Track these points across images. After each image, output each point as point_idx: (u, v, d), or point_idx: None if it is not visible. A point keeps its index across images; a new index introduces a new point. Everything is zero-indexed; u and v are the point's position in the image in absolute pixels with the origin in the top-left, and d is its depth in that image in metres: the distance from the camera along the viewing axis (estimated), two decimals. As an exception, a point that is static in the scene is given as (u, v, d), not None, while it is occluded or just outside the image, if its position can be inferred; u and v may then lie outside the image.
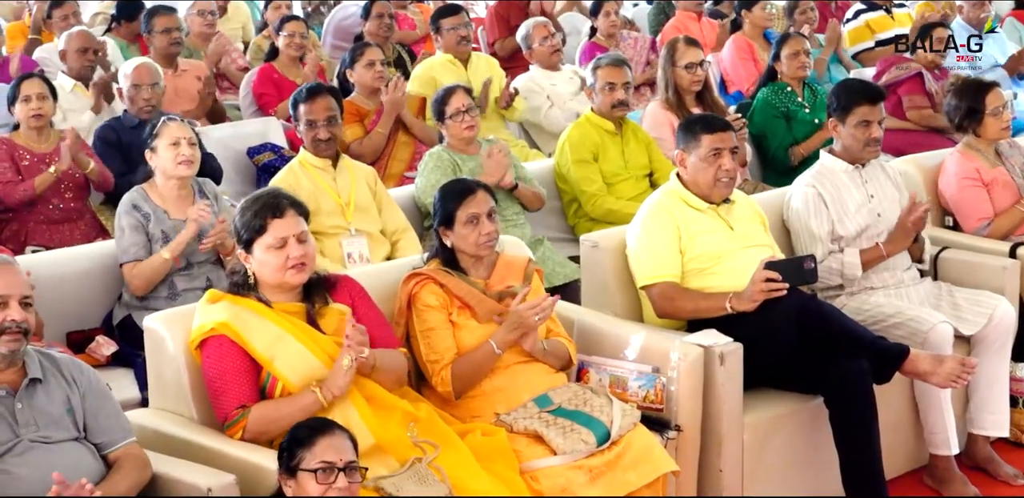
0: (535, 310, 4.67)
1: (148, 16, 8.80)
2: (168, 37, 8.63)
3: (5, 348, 3.98)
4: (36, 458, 3.98)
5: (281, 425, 4.22)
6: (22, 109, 6.86)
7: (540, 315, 4.68)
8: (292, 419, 4.22)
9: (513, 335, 4.69)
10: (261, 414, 4.28)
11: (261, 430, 4.26)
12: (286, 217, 4.42)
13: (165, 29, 8.64)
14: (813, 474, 5.18)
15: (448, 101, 6.67)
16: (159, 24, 8.65)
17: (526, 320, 4.67)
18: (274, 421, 4.26)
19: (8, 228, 6.75)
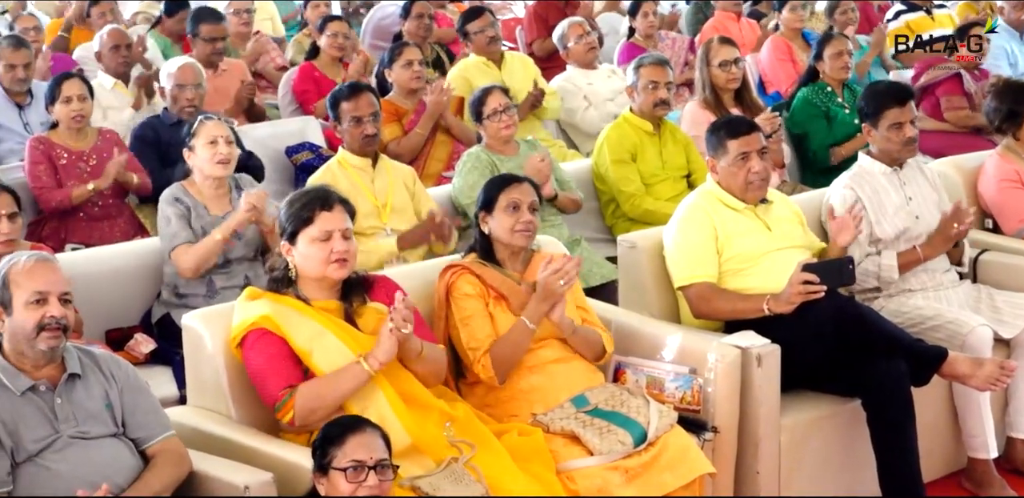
0: (559, 273, 4.65)
1: (195, 19, 8.80)
2: (212, 46, 8.65)
3: (45, 345, 4.01)
4: (75, 454, 4.00)
5: (330, 401, 4.25)
6: (62, 110, 6.89)
7: (565, 279, 4.65)
8: (340, 392, 4.26)
9: (544, 305, 4.67)
10: (309, 391, 4.27)
11: (311, 407, 4.25)
12: (334, 211, 4.44)
13: (211, 38, 8.66)
14: (850, 476, 5.17)
15: (486, 101, 6.68)
16: (205, 32, 8.66)
17: (552, 286, 4.64)
18: (322, 396, 4.26)
19: (48, 225, 6.79)
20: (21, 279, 4.02)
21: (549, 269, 4.65)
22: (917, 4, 10.82)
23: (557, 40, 8.95)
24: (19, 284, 4.02)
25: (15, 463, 3.95)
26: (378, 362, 4.28)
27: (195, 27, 8.72)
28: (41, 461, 3.97)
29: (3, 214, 5.34)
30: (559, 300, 4.68)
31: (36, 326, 3.99)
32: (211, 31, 8.67)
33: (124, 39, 8.55)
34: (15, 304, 4.01)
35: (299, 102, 8.84)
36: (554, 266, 4.65)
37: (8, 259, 4.11)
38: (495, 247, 4.91)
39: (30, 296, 4.00)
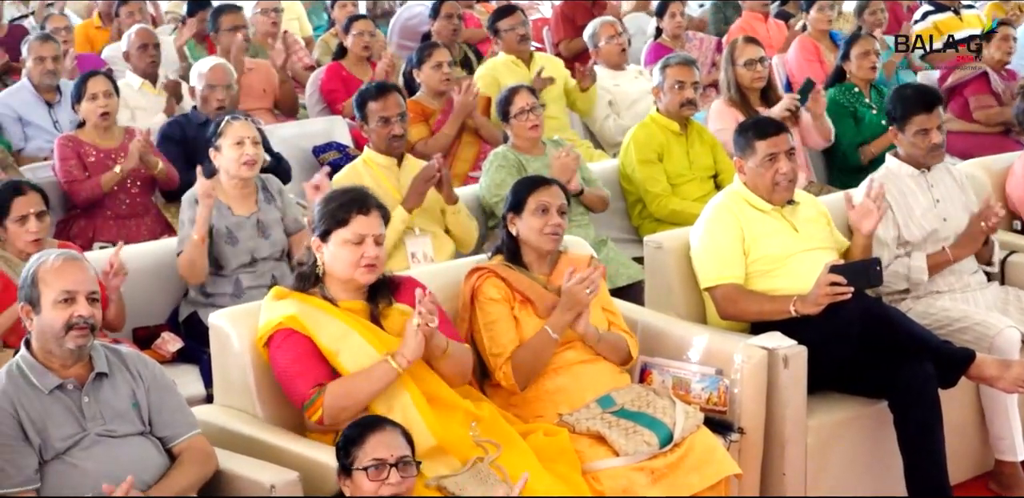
0: (584, 283, 4.64)
1: (215, 14, 8.85)
2: (234, 35, 8.67)
3: (73, 343, 4.02)
4: (102, 452, 4.02)
5: (358, 399, 4.24)
6: (88, 107, 6.92)
7: (591, 288, 4.64)
8: (368, 391, 4.26)
9: (568, 315, 4.67)
10: (337, 389, 4.27)
11: (340, 405, 4.24)
12: (370, 216, 4.42)
13: (232, 27, 8.69)
14: (877, 478, 5.16)
15: (512, 101, 6.67)
16: (226, 22, 8.71)
17: (577, 296, 4.64)
18: (351, 394, 4.26)
19: (76, 224, 6.82)
20: (49, 278, 4.04)
21: (575, 278, 4.65)
22: (945, 4, 10.77)
23: (588, 39, 8.95)
24: (47, 283, 4.03)
25: (43, 461, 3.97)
26: (406, 360, 4.27)
27: (215, 22, 8.76)
28: (69, 459, 3.99)
29: (32, 213, 5.37)
30: (584, 309, 4.68)
31: (64, 325, 4.00)
32: (232, 20, 8.72)
33: (152, 38, 8.58)
34: (43, 303, 4.03)
35: (326, 102, 8.86)
36: (580, 275, 4.65)
37: (36, 258, 4.13)
38: (522, 249, 4.90)
39: (58, 295, 4.02)
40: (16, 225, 5.37)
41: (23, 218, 5.37)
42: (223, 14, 8.79)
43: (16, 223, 5.37)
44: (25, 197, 5.40)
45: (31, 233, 5.35)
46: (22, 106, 8.00)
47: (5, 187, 5.51)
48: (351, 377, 4.31)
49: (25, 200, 5.39)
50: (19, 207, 5.37)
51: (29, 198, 5.40)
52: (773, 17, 11.01)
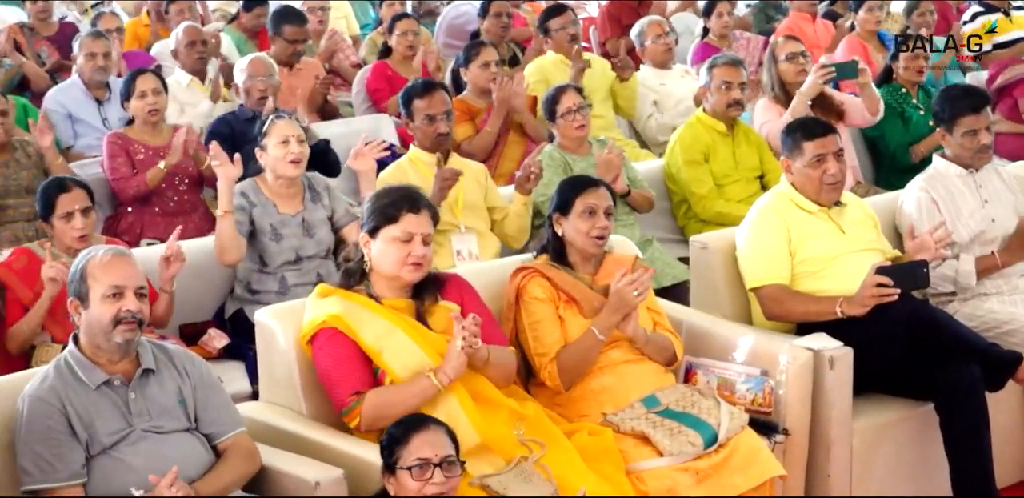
0: (633, 285, 4.62)
1: (278, 19, 8.81)
2: (292, 47, 8.66)
3: (121, 338, 4.04)
4: (148, 447, 4.04)
5: (396, 411, 4.22)
6: (137, 104, 6.95)
7: (639, 290, 4.62)
8: (407, 405, 4.25)
9: (615, 317, 4.65)
10: (376, 400, 4.28)
11: (377, 415, 4.25)
12: (420, 215, 4.43)
13: (293, 40, 8.68)
14: (923, 481, 5.12)
15: (559, 100, 6.67)
16: (288, 33, 8.66)
17: (626, 297, 4.61)
18: (389, 406, 4.26)
19: (124, 221, 6.85)
20: (98, 273, 4.06)
21: (624, 280, 4.63)
22: (994, 5, 10.68)
23: (635, 38, 8.94)
24: (96, 278, 4.05)
25: (90, 455, 3.99)
26: (448, 378, 4.28)
27: (278, 27, 8.74)
28: (115, 454, 4.01)
29: (76, 209, 5.40)
30: (631, 311, 4.66)
31: (112, 320, 4.02)
32: (294, 33, 8.70)
33: (199, 35, 8.63)
34: (92, 298, 4.05)
35: (372, 100, 8.88)
36: (630, 277, 4.63)
37: (85, 253, 4.15)
38: (567, 249, 4.89)
39: (107, 290, 4.04)
40: (62, 222, 5.40)
41: (68, 215, 5.40)
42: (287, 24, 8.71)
43: (62, 220, 5.40)
44: (69, 194, 5.43)
45: (76, 229, 5.38)
46: (72, 103, 8.04)
47: (50, 184, 5.54)
48: (391, 389, 4.32)
49: (70, 197, 5.42)
50: (64, 204, 5.40)
51: (74, 195, 5.42)
52: (821, 17, 10.96)
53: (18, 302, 5.34)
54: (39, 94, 8.48)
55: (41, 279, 5.26)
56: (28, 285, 5.35)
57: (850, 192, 5.64)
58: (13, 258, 5.45)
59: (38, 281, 5.30)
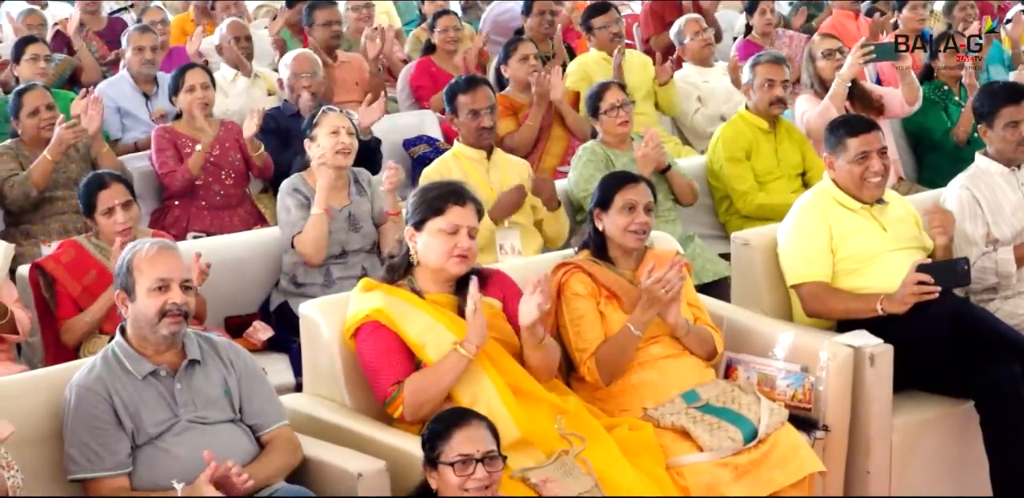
0: (661, 283, 4.60)
1: (309, 9, 8.90)
2: (329, 30, 8.74)
3: (167, 330, 4.06)
4: (193, 438, 4.06)
5: (435, 392, 4.25)
6: (186, 98, 6.99)
7: (668, 287, 4.61)
8: (444, 382, 4.27)
9: (648, 314, 4.64)
10: (414, 385, 4.29)
11: (419, 401, 4.26)
12: (466, 208, 4.44)
13: (326, 22, 8.76)
14: (962, 478, 5.10)
15: (603, 96, 6.66)
16: (320, 17, 8.76)
17: (655, 294, 4.60)
18: (427, 389, 4.27)
19: (171, 214, 6.88)
20: (144, 266, 4.08)
21: (652, 278, 4.62)
22: (1037, 4, 10.65)
23: (674, 36, 8.93)
24: (142, 271, 4.08)
25: (136, 445, 4.02)
26: (474, 345, 4.27)
27: (310, 16, 8.80)
28: (161, 444, 4.03)
29: (117, 204, 5.42)
30: (664, 307, 4.65)
31: (158, 312, 4.05)
32: (327, 15, 8.77)
33: (243, 31, 8.68)
34: (138, 290, 4.07)
35: (416, 96, 8.90)
36: (657, 275, 4.62)
37: (131, 246, 4.17)
38: (608, 244, 4.88)
39: (152, 283, 4.06)
40: (104, 217, 5.43)
41: (109, 210, 5.42)
42: (317, 9, 8.83)
43: (104, 215, 5.43)
44: (109, 190, 5.44)
45: (119, 224, 5.40)
46: (120, 97, 8.09)
47: (89, 182, 5.56)
48: (424, 371, 4.32)
49: (109, 193, 5.44)
50: (104, 200, 5.43)
51: (113, 190, 5.44)
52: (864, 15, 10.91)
53: (68, 295, 5.37)
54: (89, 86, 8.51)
55: (90, 273, 5.29)
56: (76, 278, 5.38)
57: (892, 190, 5.61)
58: (61, 251, 5.48)
59: (86, 274, 5.34)
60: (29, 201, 6.51)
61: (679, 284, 4.64)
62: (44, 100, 6.69)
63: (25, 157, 6.62)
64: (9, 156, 6.62)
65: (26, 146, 6.68)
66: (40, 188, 6.50)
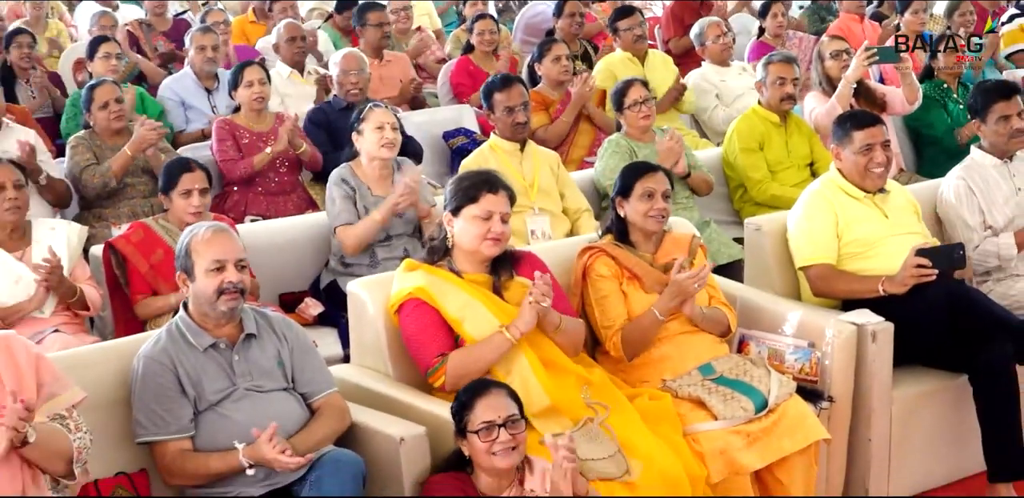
0: (693, 279, 4.61)
1: (361, 11, 8.89)
2: (380, 31, 8.72)
3: (225, 306, 4.07)
4: (249, 404, 4.07)
5: (477, 367, 4.26)
6: (244, 93, 7.01)
7: (697, 283, 4.62)
8: (486, 360, 4.28)
9: (673, 302, 4.64)
10: (458, 359, 4.30)
11: (460, 373, 4.26)
12: (498, 195, 4.43)
13: (378, 23, 8.73)
14: (957, 446, 5.08)
15: (627, 93, 6.65)
16: (372, 19, 8.74)
17: (685, 288, 4.61)
18: (470, 363, 4.28)
19: (230, 199, 6.90)
20: (201, 248, 4.10)
21: (685, 274, 4.62)
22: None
23: (695, 38, 8.88)
24: (199, 253, 4.09)
25: (197, 411, 4.04)
26: (519, 331, 4.28)
27: (362, 17, 8.79)
28: (220, 410, 4.05)
29: (196, 188, 5.44)
30: (689, 298, 4.65)
31: (216, 291, 4.06)
32: (378, 18, 8.75)
33: (299, 32, 8.67)
34: (196, 271, 4.09)
35: (455, 93, 8.89)
36: (691, 272, 4.62)
37: (188, 231, 4.19)
38: (630, 229, 4.88)
39: (209, 264, 4.07)
40: (181, 198, 5.44)
41: (188, 192, 5.43)
42: (369, 11, 8.82)
43: (181, 196, 5.44)
44: (192, 174, 5.46)
45: (193, 207, 5.42)
46: (184, 91, 8.11)
47: (176, 162, 5.59)
48: (469, 348, 4.32)
49: (191, 177, 5.45)
50: (186, 182, 5.44)
51: (195, 175, 5.46)
52: (868, 18, 10.85)
53: (137, 272, 5.38)
54: (155, 86, 8.56)
55: (157, 252, 5.31)
56: (144, 256, 5.39)
57: (893, 180, 5.58)
58: (131, 231, 5.49)
59: (153, 253, 5.35)
60: (106, 190, 6.54)
61: (705, 281, 4.66)
62: (113, 94, 6.71)
63: (98, 146, 6.65)
64: (84, 146, 6.64)
65: (98, 136, 6.71)
66: (118, 179, 6.53)
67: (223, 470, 3.95)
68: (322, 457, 3.96)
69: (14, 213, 5.31)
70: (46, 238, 5.40)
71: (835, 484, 4.86)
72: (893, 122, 7.60)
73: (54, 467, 3.62)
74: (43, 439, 3.50)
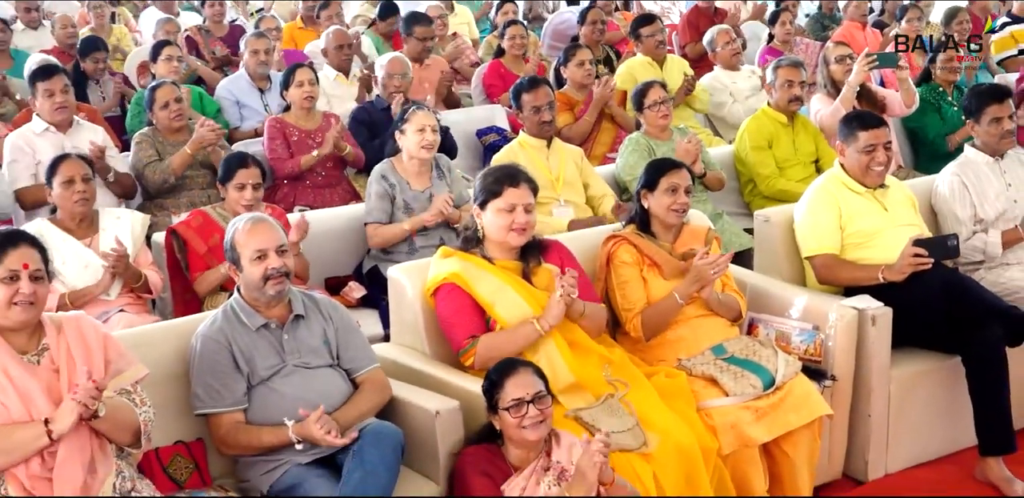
0: (712, 266, 4.60)
1: (409, 22, 8.81)
2: (423, 44, 8.66)
3: (272, 290, 4.07)
4: (297, 380, 4.07)
5: (505, 351, 4.24)
6: (295, 92, 6.99)
7: (715, 270, 4.61)
8: (514, 346, 4.27)
9: (693, 288, 4.63)
10: (488, 342, 4.29)
11: (489, 356, 4.25)
12: (520, 188, 4.42)
13: (423, 38, 8.68)
14: (950, 422, 5.05)
15: (647, 94, 6.63)
16: (419, 33, 8.66)
17: (704, 274, 4.60)
18: (499, 347, 4.27)
19: (280, 191, 6.89)
20: (243, 240, 4.10)
21: (705, 261, 4.60)
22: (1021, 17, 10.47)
23: (706, 44, 8.85)
24: (242, 244, 4.10)
25: (250, 386, 4.04)
26: (548, 324, 4.28)
27: (409, 28, 8.74)
28: (271, 385, 4.05)
29: (249, 183, 5.43)
30: (707, 284, 4.64)
31: (262, 277, 4.06)
32: (424, 32, 8.71)
33: (346, 39, 8.66)
34: (243, 262, 4.10)
35: (487, 93, 8.88)
36: (710, 259, 4.60)
37: (231, 226, 4.19)
38: (652, 221, 4.86)
39: (252, 254, 4.08)
40: (235, 190, 5.43)
41: (242, 186, 5.43)
42: (417, 24, 8.73)
43: (235, 188, 5.43)
44: (247, 170, 5.45)
45: (246, 200, 5.41)
46: (239, 92, 8.12)
47: (235, 156, 5.58)
48: (500, 334, 4.32)
49: (247, 172, 5.44)
50: (241, 176, 5.43)
51: (250, 171, 5.45)
52: (870, 26, 10.79)
53: (197, 254, 5.39)
54: (211, 88, 8.57)
55: (214, 236, 5.31)
56: (203, 239, 5.40)
57: (892, 176, 5.54)
58: (191, 218, 5.50)
59: (211, 237, 5.35)
60: (167, 186, 6.54)
61: (724, 269, 4.64)
62: (173, 94, 6.71)
63: (160, 143, 6.65)
64: (147, 143, 6.65)
65: (160, 133, 6.71)
66: (177, 176, 6.52)
67: (274, 443, 3.95)
68: (364, 429, 3.96)
69: (83, 204, 5.33)
70: (112, 226, 5.41)
71: (837, 456, 4.85)
72: (892, 121, 7.54)
73: (121, 438, 3.63)
74: (111, 413, 3.52)
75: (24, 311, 3.54)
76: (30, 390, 3.49)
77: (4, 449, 3.43)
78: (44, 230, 5.25)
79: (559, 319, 4.29)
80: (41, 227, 5.28)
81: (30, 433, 3.44)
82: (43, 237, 4.07)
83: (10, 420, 3.46)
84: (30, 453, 3.45)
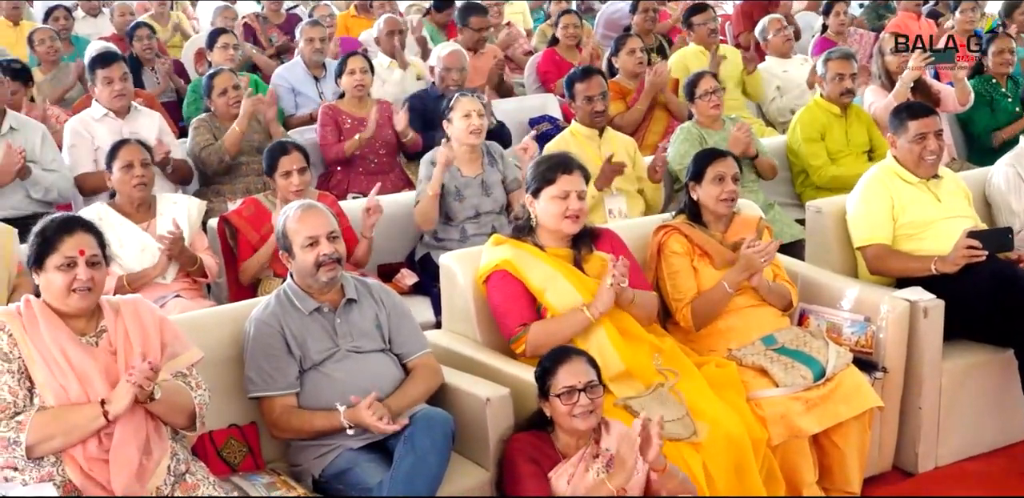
0: (761, 253, 4.57)
1: (465, 13, 8.81)
2: (478, 34, 8.67)
3: (325, 277, 4.08)
4: (350, 364, 4.08)
5: (556, 339, 4.23)
6: (348, 80, 7.01)
7: (765, 258, 4.57)
8: (565, 334, 4.26)
9: (743, 276, 4.60)
10: (539, 329, 4.28)
11: (540, 343, 4.24)
12: (573, 175, 4.40)
13: (478, 28, 8.68)
14: (1002, 415, 5.00)
15: (698, 84, 6.58)
16: (475, 23, 8.68)
17: (753, 262, 4.57)
18: (550, 335, 4.26)
19: (334, 178, 6.91)
20: (293, 228, 4.11)
21: (754, 248, 4.57)
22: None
23: (758, 34, 8.82)
24: (293, 231, 4.10)
25: (302, 370, 4.05)
26: (598, 311, 4.26)
27: (465, 18, 8.74)
28: (323, 369, 4.06)
29: (294, 169, 5.43)
30: (757, 272, 4.60)
31: (314, 264, 4.07)
32: (479, 23, 8.71)
33: (398, 26, 8.66)
34: (295, 249, 4.10)
35: (541, 82, 8.87)
36: (759, 247, 4.57)
37: (281, 214, 4.20)
38: (702, 211, 4.83)
39: (303, 241, 4.08)
40: (282, 178, 5.44)
41: (287, 173, 5.43)
42: (473, 15, 8.75)
43: (282, 177, 5.44)
44: (289, 156, 5.45)
45: (294, 185, 5.41)
46: (295, 79, 8.14)
47: (274, 146, 5.58)
48: (551, 321, 4.31)
49: (289, 159, 5.44)
50: (284, 164, 5.43)
51: (292, 157, 5.45)
52: (925, 16, 10.68)
53: (248, 243, 5.42)
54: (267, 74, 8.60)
55: (266, 225, 5.33)
56: (255, 228, 5.42)
57: (946, 167, 5.48)
58: (244, 207, 5.52)
59: (263, 225, 5.37)
60: (222, 166, 6.57)
61: (772, 256, 4.61)
62: (230, 82, 6.75)
63: (217, 128, 6.70)
64: (205, 128, 6.69)
65: (217, 119, 6.75)
66: (232, 154, 6.56)
67: (326, 428, 3.96)
68: (415, 414, 3.96)
69: (141, 189, 5.35)
70: (169, 211, 5.44)
71: (887, 448, 4.80)
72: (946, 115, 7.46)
73: (176, 420, 3.65)
74: (167, 396, 3.54)
75: (83, 298, 3.56)
76: (88, 371, 3.51)
77: (63, 430, 3.45)
78: (103, 214, 5.28)
79: (609, 306, 4.27)
80: (100, 211, 5.32)
81: (87, 414, 3.46)
82: (102, 221, 4.11)
83: (68, 401, 3.48)
84: (87, 434, 3.47)
